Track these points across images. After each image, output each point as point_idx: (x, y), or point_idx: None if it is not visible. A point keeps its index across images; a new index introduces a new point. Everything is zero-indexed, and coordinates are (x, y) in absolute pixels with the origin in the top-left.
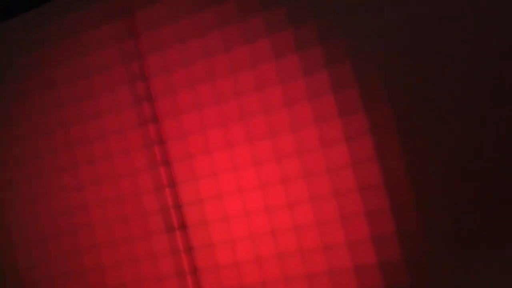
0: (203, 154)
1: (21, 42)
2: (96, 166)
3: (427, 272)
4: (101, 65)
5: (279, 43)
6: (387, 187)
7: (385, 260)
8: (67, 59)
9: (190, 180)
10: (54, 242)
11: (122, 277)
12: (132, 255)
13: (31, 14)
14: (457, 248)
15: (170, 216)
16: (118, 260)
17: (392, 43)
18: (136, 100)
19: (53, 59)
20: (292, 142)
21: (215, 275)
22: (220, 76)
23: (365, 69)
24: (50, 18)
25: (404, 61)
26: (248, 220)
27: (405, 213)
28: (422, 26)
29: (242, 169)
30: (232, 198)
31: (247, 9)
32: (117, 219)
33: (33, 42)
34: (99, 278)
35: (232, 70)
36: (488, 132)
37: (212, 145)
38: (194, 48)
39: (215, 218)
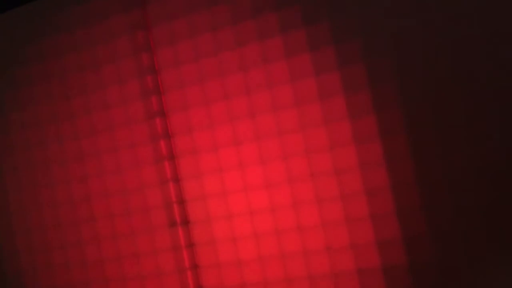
0: (209, 150)
1: (31, 30)
2: (101, 158)
3: (432, 277)
4: (111, 57)
5: (292, 41)
6: (395, 191)
7: (390, 264)
8: (77, 49)
9: (195, 176)
10: (55, 232)
11: (123, 271)
12: (133, 249)
13: (43, 2)
14: (464, 253)
15: (173, 212)
16: (119, 254)
17: (406, 46)
18: (144, 93)
19: (62, 48)
20: (300, 142)
21: (216, 272)
22: (230, 72)
23: (377, 72)
24: (62, 7)
25: (416, 64)
26: (251, 218)
27: (412, 217)
28: (436, 29)
29: (248, 167)
30: (236, 196)
31: (261, 6)
32: (119, 213)
33: (43, 31)
34: (100, 271)
35: (243, 66)
36: (498, 136)
37: (219, 141)
38: (205, 43)
39: (218, 215)
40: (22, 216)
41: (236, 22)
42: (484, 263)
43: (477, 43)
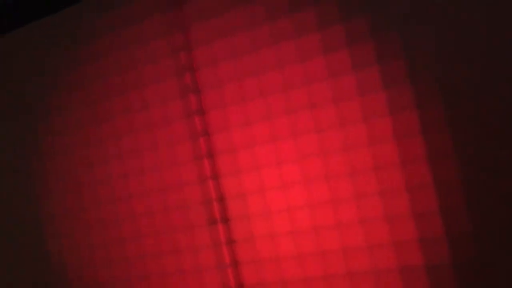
0: (248, 147)
1: (72, 34)
2: (142, 156)
3: (475, 276)
4: (150, 57)
5: (329, 37)
6: (437, 188)
7: (433, 263)
8: (116, 51)
9: (234, 173)
10: (98, 230)
11: (164, 267)
12: (174, 246)
13: (80, 8)
14: (507, 251)
15: (212, 209)
16: (160, 251)
17: (447, 40)
18: (182, 91)
19: (102, 51)
20: (338, 138)
21: (256, 268)
22: (268, 70)
23: (418, 66)
24: (99, 11)
25: (457, 58)
26: (290, 215)
27: (455, 215)
28: (476, 24)
29: (285, 163)
30: (274, 193)
31: (297, 2)
32: (160, 210)
33: (84, 35)
34: (141, 267)
35: (280, 63)
36: None
37: (257, 138)
38: (242, 41)
39: (257, 212)
40: (65, 216)
41: (273, 19)
42: None
43: None
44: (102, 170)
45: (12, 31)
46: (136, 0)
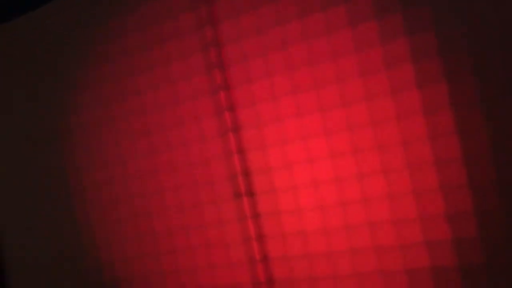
0: (273, 122)
1: (99, 12)
2: (168, 132)
3: (504, 251)
4: (176, 33)
5: (357, 9)
6: (467, 163)
7: (460, 237)
8: (143, 27)
9: (260, 147)
10: (126, 205)
11: (190, 242)
12: (200, 220)
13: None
14: None
15: (238, 183)
16: (187, 225)
17: (478, 11)
18: (208, 67)
19: (129, 27)
20: (365, 113)
21: (281, 242)
22: (293, 44)
23: (448, 38)
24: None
25: (488, 29)
26: (316, 189)
27: (484, 190)
28: None
29: (312, 138)
30: (300, 167)
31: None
32: (186, 185)
33: (109, 12)
34: (168, 240)
35: (306, 37)
36: None
37: (283, 113)
38: (267, 15)
39: (283, 186)
40: (94, 190)
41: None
42: None
43: None
44: (129, 146)
45: (43, 5)
46: None
